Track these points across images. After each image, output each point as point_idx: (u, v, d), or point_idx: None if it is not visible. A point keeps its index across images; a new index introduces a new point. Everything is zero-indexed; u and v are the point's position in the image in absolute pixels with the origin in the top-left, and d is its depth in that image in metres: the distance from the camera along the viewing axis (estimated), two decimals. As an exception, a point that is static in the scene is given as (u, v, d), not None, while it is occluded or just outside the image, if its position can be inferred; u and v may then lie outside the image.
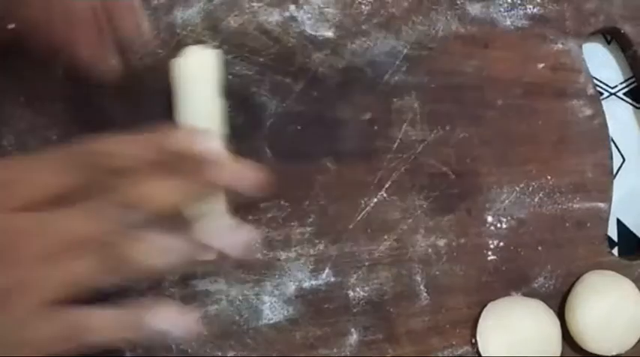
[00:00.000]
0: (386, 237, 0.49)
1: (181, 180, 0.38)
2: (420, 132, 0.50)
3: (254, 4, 0.48)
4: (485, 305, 0.50)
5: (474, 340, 0.50)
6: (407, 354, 0.49)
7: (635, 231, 0.57)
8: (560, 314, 0.51)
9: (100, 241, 0.35)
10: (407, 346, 0.49)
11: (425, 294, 0.49)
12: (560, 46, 0.54)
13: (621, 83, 0.59)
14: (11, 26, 0.40)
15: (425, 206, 0.50)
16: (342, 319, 0.48)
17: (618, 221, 0.57)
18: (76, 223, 0.35)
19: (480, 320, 0.49)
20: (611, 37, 0.58)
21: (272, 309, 0.46)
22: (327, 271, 0.47)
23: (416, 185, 0.50)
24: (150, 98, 0.45)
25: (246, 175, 0.38)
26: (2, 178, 0.35)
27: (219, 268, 0.45)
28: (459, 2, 0.52)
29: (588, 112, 0.55)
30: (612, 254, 0.55)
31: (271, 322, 0.46)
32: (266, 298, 0.46)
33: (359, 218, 0.48)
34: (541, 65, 0.54)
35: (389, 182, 0.49)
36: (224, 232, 0.39)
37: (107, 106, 0.45)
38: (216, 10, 0.47)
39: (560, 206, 0.53)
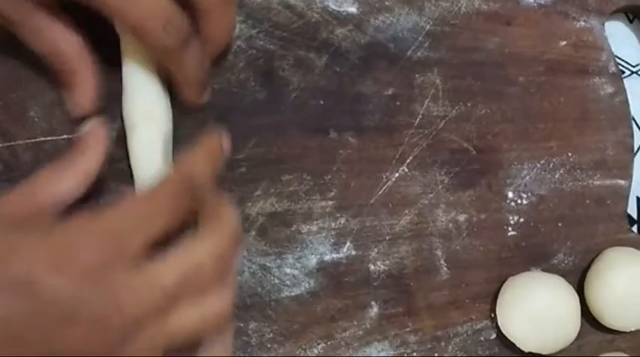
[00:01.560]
0: (407, 211, 0.49)
1: None
2: (442, 108, 0.50)
3: (278, -22, 0.48)
4: (504, 280, 0.50)
5: (493, 315, 0.50)
6: (426, 327, 0.49)
7: (654, 209, 0.57)
8: (580, 290, 0.51)
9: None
10: (426, 320, 0.49)
11: (445, 268, 0.50)
12: (582, 23, 0.54)
13: (643, 62, 0.58)
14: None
15: (446, 181, 0.50)
16: (362, 292, 0.48)
17: (638, 199, 0.57)
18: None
19: (500, 295, 0.50)
20: (634, 15, 0.58)
21: (293, 281, 0.46)
22: (348, 244, 0.48)
23: (437, 160, 0.50)
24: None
25: None
26: (116, 228, 0.34)
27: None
28: (481, -21, 0.52)
29: (610, 89, 0.55)
30: (632, 231, 0.55)
31: (292, 294, 0.46)
32: (288, 271, 0.46)
33: (380, 192, 0.49)
34: (563, 43, 0.54)
35: (410, 157, 0.49)
36: None
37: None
38: (241, -15, 0.47)
39: (580, 183, 0.53)
